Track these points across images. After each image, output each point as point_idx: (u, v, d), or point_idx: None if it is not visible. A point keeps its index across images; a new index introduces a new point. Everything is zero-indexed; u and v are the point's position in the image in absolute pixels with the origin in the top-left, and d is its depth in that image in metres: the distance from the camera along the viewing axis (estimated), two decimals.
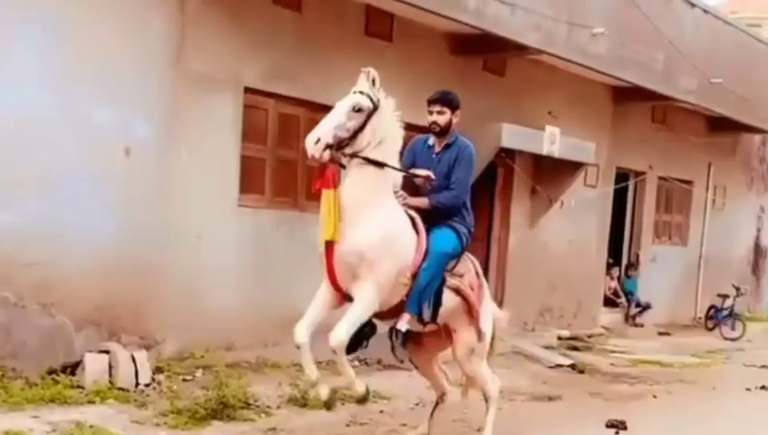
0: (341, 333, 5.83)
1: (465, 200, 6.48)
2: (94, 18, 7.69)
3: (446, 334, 6.64)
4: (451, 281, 6.33)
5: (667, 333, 15.89)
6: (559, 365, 11.43)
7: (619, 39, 12.53)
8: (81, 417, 6.59)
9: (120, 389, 7.36)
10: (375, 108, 5.95)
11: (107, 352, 7.51)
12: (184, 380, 8.01)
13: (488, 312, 6.73)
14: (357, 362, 10.07)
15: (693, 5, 14.57)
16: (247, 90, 9.04)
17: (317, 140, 5.66)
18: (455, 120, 6.44)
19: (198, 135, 8.56)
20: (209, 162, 8.71)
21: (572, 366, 11.42)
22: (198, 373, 8.19)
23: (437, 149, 6.48)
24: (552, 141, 12.15)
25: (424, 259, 6.12)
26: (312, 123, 9.70)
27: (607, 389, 10.19)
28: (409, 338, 6.43)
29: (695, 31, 14.61)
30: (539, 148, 12.12)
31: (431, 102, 6.45)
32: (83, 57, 7.60)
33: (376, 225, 5.91)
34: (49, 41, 7.40)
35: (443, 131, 6.40)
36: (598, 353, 12.91)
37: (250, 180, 9.21)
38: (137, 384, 7.52)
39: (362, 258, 5.85)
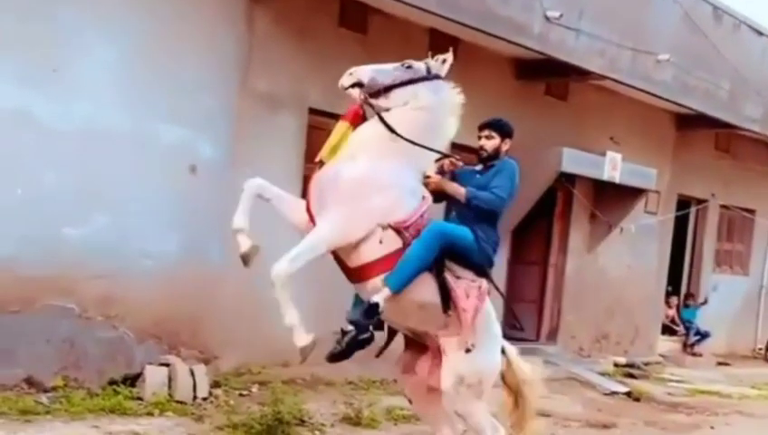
0: (282, 264, 5.57)
1: (499, 212, 5.91)
2: (165, 37, 7.86)
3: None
4: (445, 275, 5.64)
5: (726, 364, 15.58)
6: (614, 392, 11.29)
7: (684, 66, 12.43)
8: (139, 428, 6.70)
9: (178, 402, 7.47)
10: (429, 77, 5.71)
11: (167, 365, 7.64)
12: (240, 395, 8.10)
13: (490, 337, 5.77)
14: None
15: (760, 34, 14.37)
16: (311, 110, 9.16)
17: (351, 73, 5.52)
18: (504, 148, 6.06)
19: (262, 154, 8.67)
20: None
21: (628, 394, 11.28)
22: (254, 389, 8.27)
23: (481, 170, 6.06)
24: (613, 167, 12.07)
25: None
26: None
27: (663, 418, 10.04)
28: (404, 367, 6.02)
29: (761, 59, 14.41)
30: (600, 173, 12.05)
31: (481, 127, 6.14)
32: (153, 76, 7.77)
33: (363, 166, 5.51)
34: (121, 59, 7.57)
35: (489, 157, 6.00)
36: (654, 382, 12.71)
37: None
38: (194, 398, 7.63)
39: (334, 188, 5.49)
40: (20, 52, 7.04)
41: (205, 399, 7.71)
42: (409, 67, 5.67)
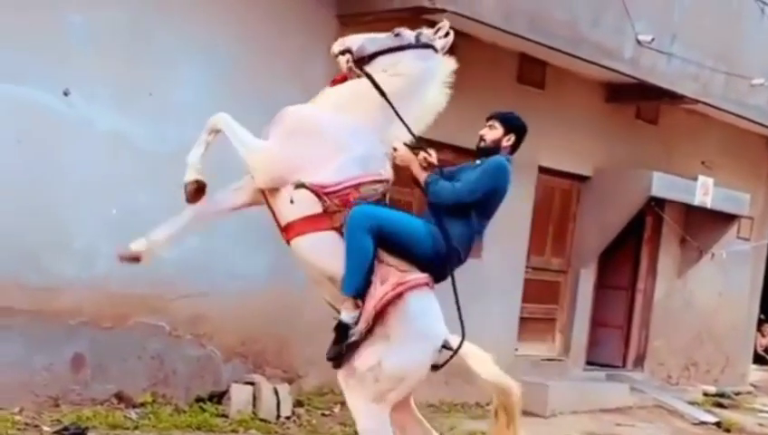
0: (223, 117, 5.43)
1: (466, 206, 5.23)
2: (257, 58, 8.01)
3: None
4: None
5: None
6: (703, 422, 11.05)
7: None
8: None
9: (261, 420, 7.59)
10: (416, 45, 5.32)
11: (252, 383, 7.77)
12: (323, 414, 8.17)
13: (408, 336, 4.96)
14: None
15: None
16: None
17: (342, 40, 5.38)
18: (505, 143, 5.43)
19: None
20: None
21: (718, 424, 11.04)
22: (336, 409, 8.32)
23: (478, 164, 5.46)
24: (704, 192, 11.81)
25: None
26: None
27: None
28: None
29: None
30: (690, 198, 11.79)
31: (488, 118, 5.61)
32: (244, 100, 7.86)
33: (313, 109, 5.29)
34: (213, 83, 7.75)
35: (487, 149, 5.40)
36: (745, 412, 12.37)
37: None
38: (278, 416, 7.74)
39: (278, 119, 5.23)
40: (118, 76, 7.27)
41: (288, 417, 7.81)
42: (398, 35, 5.35)
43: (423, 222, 5.25)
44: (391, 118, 5.21)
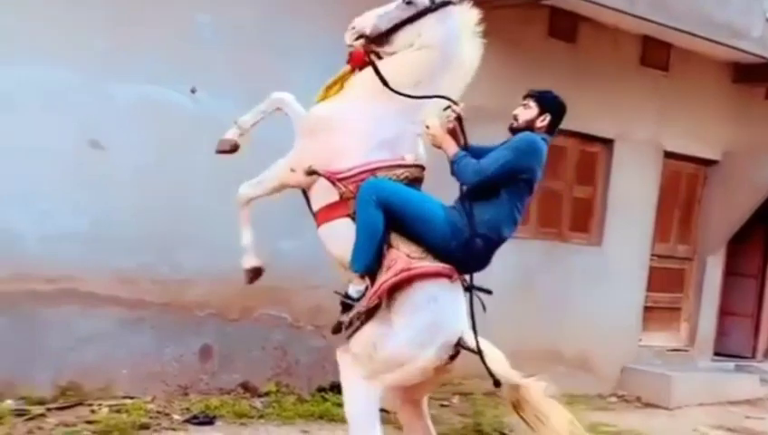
0: (245, 187, 5.48)
1: (492, 187, 4.87)
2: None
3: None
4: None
5: None
6: None
7: None
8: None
9: (382, 410, 7.64)
10: (433, 8, 5.01)
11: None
12: (441, 405, 8.17)
13: (410, 324, 4.74)
14: (614, 399, 9.96)
15: None
16: None
17: (353, 27, 5.11)
18: (540, 123, 5.11)
19: None
20: None
21: None
22: (455, 400, 8.35)
23: None
24: None
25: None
26: (582, 154, 9.87)
27: None
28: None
29: None
30: None
31: (523, 96, 5.34)
32: None
33: (334, 104, 5.16)
34: (320, 76, 7.82)
35: (520, 130, 5.11)
36: None
37: None
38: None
39: (303, 122, 5.25)
40: (244, 73, 7.39)
41: None
42: (409, 3, 5.04)
43: (442, 206, 4.97)
44: (426, 92, 4.98)
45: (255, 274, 5.56)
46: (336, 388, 7.72)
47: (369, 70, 5.07)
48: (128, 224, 6.86)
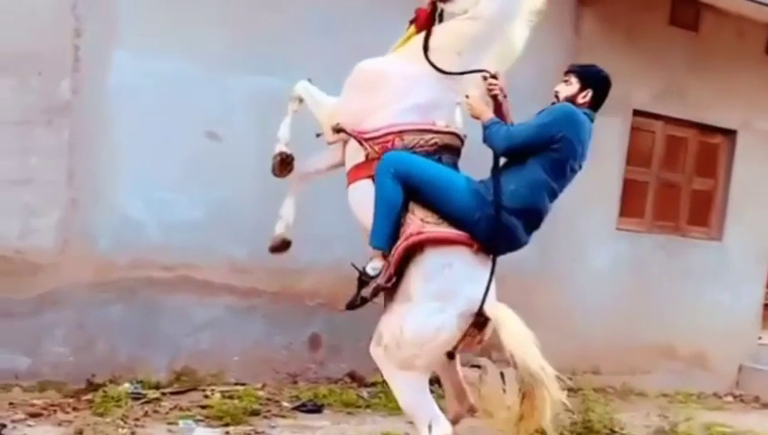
0: (301, 85, 5.46)
1: (523, 156, 4.70)
2: None
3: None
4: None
5: None
6: None
7: None
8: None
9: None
10: None
11: (478, 366, 7.82)
12: None
13: (424, 296, 4.64)
14: (731, 398, 9.68)
15: None
16: (636, 112, 8.92)
17: None
18: (581, 99, 4.92)
19: None
20: (591, 184, 8.67)
21: None
22: (563, 395, 8.24)
23: None
24: None
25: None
26: (702, 145, 9.57)
27: None
28: None
29: None
30: None
31: (566, 72, 5.11)
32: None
33: (382, 61, 5.09)
34: None
35: None
36: None
37: (631, 204, 9.09)
38: None
39: (352, 74, 5.13)
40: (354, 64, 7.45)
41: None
42: None
43: (466, 178, 4.83)
44: (468, 64, 4.88)
45: (284, 161, 5.44)
46: (437, 381, 7.76)
47: (417, 39, 5.01)
48: (243, 214, 6.98)
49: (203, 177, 6.90)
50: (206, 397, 6.69)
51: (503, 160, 4.85)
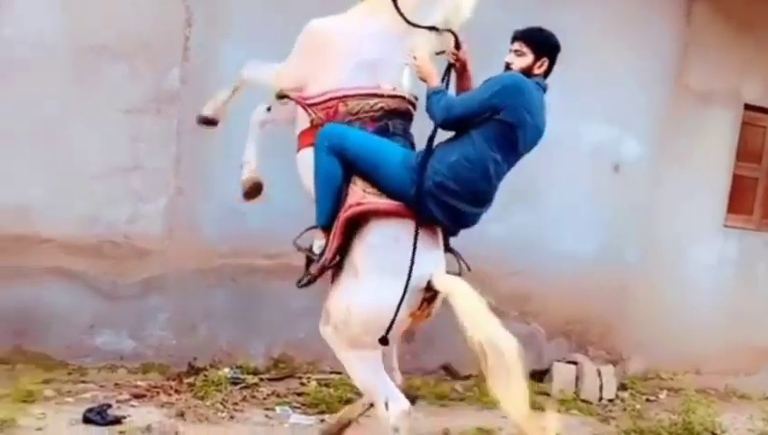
0: (247, 67, 5.25)
1: (464, 128, 4.46)
2: (602, 36, 7.84)
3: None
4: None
5: None
6: None
7: None
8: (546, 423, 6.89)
9: (583, 401, 7.57)
10: None
11: (574, 363, 7.77)
12: (647, 400, 8.00)
13: (369, 272, 4.47)
14: None
15: None
16: (747, 106, 8.65)
17: None
18: (537, 69, 4.63)
19: (690, 152, 8.41)
20: (698, 180, 8.51)
21: None
22: (662, 395, 8.13)
23: None
24: None
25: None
26: None
27: None
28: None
29: None
30: None
31: (513, 38, 4.67)
32: (583, 74, 7.74)
33: (330, 20, 4.87)
34: (558, 64, 7.65)
35: None
36: None
37: (739, 200, 8.83)
38: (600, 398, 7.67)
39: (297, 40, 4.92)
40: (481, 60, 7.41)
41: (611, 400, 7.71)
42: None
43: (403, 152, 4.61)
44: (420, 20, 4.67)
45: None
46: (536, 375, 7.73)
47: None
48: None
49: None
50: (303, 384, 6.82)
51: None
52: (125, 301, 6.55)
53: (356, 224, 4.56)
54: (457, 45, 4.71)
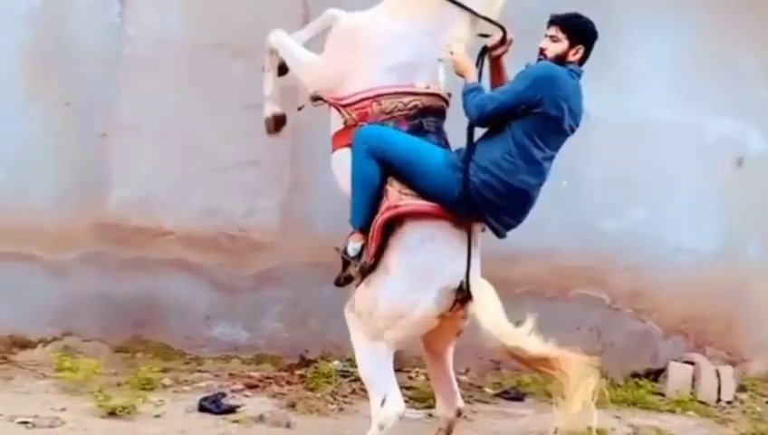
0: (276, 36, 5.09)
1: (502, 123, 4.45)
2: (725, 29, 7.61)
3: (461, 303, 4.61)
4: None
5: None
6: None
7: None
8: (660, 424, 6.72)
9: (700, 402, 7.37)
10: None
11: (691, 363, 7.57)
12: None
13: (402, 268, 4.50)
14: None
15: None
16: None
17: None
18: (573, 57, 4.58)
19: None
20: None
21: None
22: None
23: None
24: None
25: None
26: None
27: None
28: None
29: None
30: None
31: (549, 23, 4.64)
32: (708, 68, 7.59)
33: (359, 18, 4.87)
34: (675, 52, 7.54)
35: None
36: None
37: None
38: (718, 400, 7.45)
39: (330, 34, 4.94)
40: None
41: (729, 402, 7.47)
42: None
43: (444, 152, 4.59)
44: (451, 16, 4.65)
45: (278, 121, 5.24)
46: (651, 374, 7.58)
47: None
48: None
49: None
50: (411, 378, 6.87)
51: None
52: (240, 293, 6.74)
53: (392, 224, 4.58)
54: (504, 40, 4.71)
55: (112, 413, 5.47)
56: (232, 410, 5.81)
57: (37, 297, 6.68)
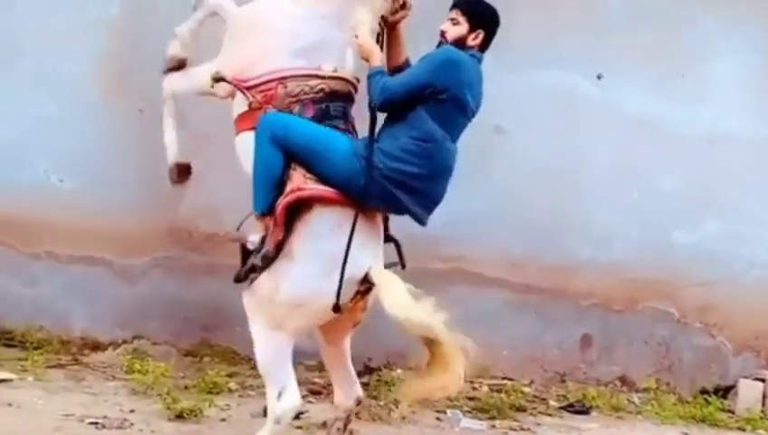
0: (168, 79, 4.98)
1: (407, 107, 4.42)
2: None
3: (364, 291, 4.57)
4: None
5: None
6: None
7: None
8: None
9: None
10: None
11: (762, 380, 7.39)
12: None
13: (307, 255, 4.42)
14: None
15: None
16: None
17: None
18: (472, 42, 4.56)
19: None
20: None
21: None
22: None
23: None
24: None
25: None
26: None
27: None
28: None
29: None
30: None
31: (450, 6, 4.63)
32: None
33: (259, 4, 4.84)
34: (749, 62, 7.41)
35: None
36: None
37: None
38: None
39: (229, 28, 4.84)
40: (651, 58, 7.26)
41: None
42: None
43: (349, 140, 4.53)
44: None
45: (183, 170, 5.16)
46: (721, 391, 7.43)
47: None
48: (520, 208, 7.08)
49: (486, 169, 6.98)
50: (474, 389, 6.85)
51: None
52: None
53: (296, 210, 4.51)
54: (404, 5, 4.69)
55: (179, 416, 5.57)
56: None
57: (109, 301, 6.87)
